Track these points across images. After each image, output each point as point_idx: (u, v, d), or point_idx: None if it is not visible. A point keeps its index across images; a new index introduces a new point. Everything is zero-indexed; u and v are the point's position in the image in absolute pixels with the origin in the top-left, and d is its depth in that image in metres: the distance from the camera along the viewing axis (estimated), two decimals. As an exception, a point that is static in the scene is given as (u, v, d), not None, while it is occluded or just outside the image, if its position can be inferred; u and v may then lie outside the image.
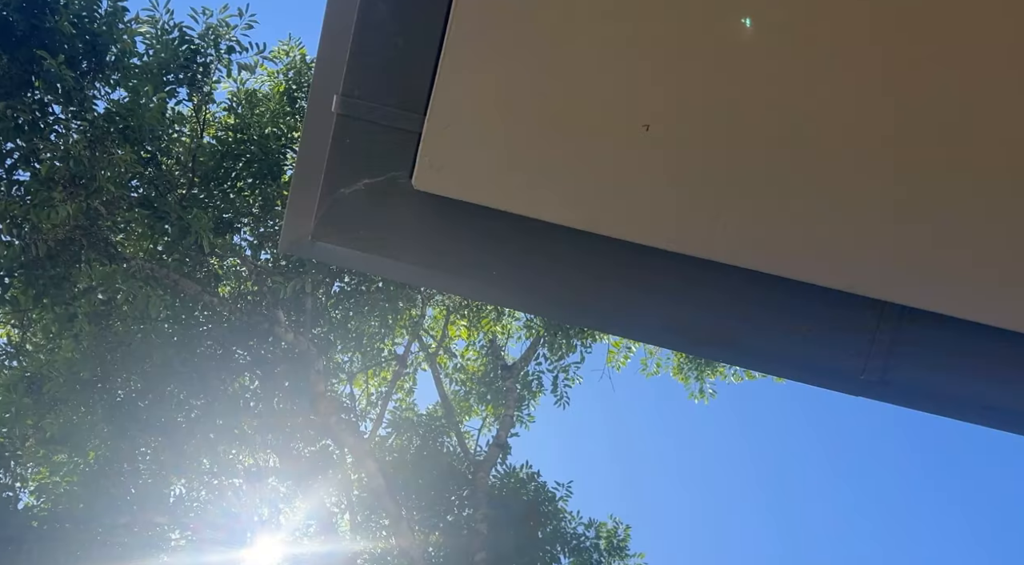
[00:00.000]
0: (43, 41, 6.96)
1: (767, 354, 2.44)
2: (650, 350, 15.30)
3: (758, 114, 2.03)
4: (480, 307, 12.62)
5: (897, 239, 2.06)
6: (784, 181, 2.08)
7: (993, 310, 1.97)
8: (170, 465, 10.29)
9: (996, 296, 1.97)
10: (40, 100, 7.43)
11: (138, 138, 7.66)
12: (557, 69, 2.04)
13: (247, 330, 10.12)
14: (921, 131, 1.91)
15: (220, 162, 9.86)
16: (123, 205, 8.32)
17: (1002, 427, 2.27)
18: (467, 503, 11.39)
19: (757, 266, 2.26)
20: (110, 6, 7.48)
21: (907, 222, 2.04)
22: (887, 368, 2.16)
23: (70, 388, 8.69)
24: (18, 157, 7.73)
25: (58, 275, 7.92)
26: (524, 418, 12.83)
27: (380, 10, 2.24)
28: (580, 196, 2.13)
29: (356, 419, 11.87)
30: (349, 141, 2.25)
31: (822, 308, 2.31)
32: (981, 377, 2.10)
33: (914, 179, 1.98)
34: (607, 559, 12.30)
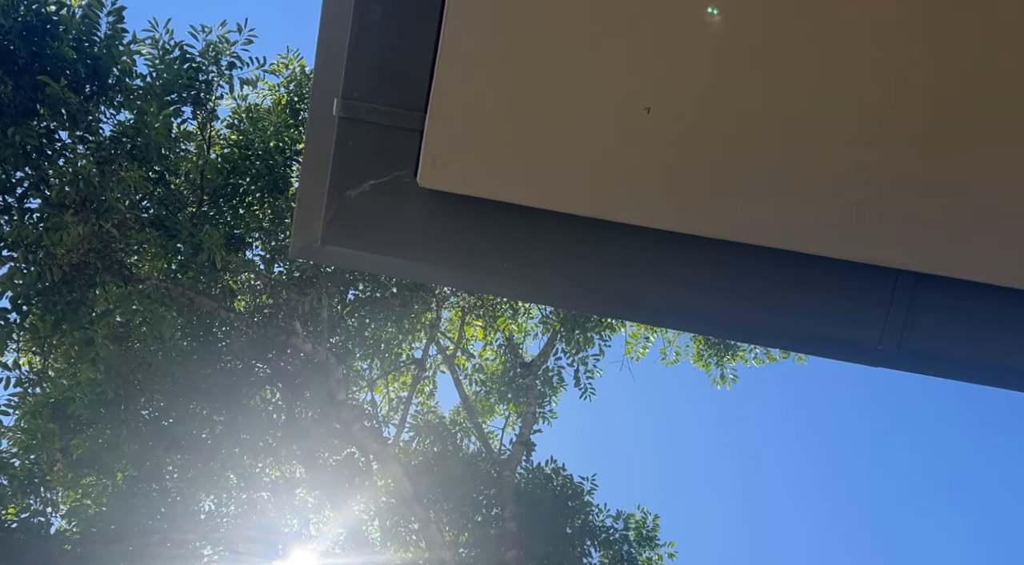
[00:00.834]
0: (45, 67, 7.02)
1: (785, 331, 2.43)
2: (668, 339, 15.26)
3: (760, 90, 2.03)
4: (495, 306, 12.63)
5: (907, 206, 2.05)
6: (790, 155, 2.08)
7: (1008, 272, 1.96)
8: (198, 481, 10.35)
9: (1010, 258, 1.96)
10: (46, 127, 7.49)
11: (146, 157, 7.71)
12: (554, 58, 2.04)
13: (265, 343, 10.16)
14: (920, 96, 1.90)
15: (227, 178, 9.92)
16: (135, 226, 8.38)
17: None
18: (494, 502, 11.40)
19: (768, 242, 2.25)
20: (109, 29, 7.53)
21: (916, 189, 2.03)
22: (904, 337, 2.15)
23: (94, 411, 8.75)
24: (28, 185, 7.79)
25: (75, 300, 7.98)
26: (547, 414, 12.83)
27: (375, 11, 2.25)
28: (586, 184, 2.13)
29: (379, 425, 11.91)
30: (352, 143, 2.26)
31: (836, 281, 2.30)
32: (1000, 340, 2.09)
33: (918, 146, 1.97)
34: (638, 550, 12.28)
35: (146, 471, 9.57)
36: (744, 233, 2.22)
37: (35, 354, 9.30)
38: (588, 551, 11.81)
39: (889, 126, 1.97)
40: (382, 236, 2.29)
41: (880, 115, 1.96)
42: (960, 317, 2.12)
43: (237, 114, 10.60)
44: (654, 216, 2.22)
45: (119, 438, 9.05)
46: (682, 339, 15.22)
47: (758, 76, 2.01)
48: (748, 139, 2.09)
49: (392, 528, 11.70)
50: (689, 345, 15.22)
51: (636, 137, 2.10)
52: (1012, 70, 1.83)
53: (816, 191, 2.13)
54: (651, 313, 2.60)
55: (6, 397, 8.54)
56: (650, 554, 12.40)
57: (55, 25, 7.17)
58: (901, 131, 1.98)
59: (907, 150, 2.00)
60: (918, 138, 1.97)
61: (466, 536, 11.32)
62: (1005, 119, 1.87)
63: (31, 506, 8.84)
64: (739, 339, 2.66)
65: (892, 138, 2.00)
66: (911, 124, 1.96)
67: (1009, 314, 2.05)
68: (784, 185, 2.13)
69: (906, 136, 1.98)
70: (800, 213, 2.17)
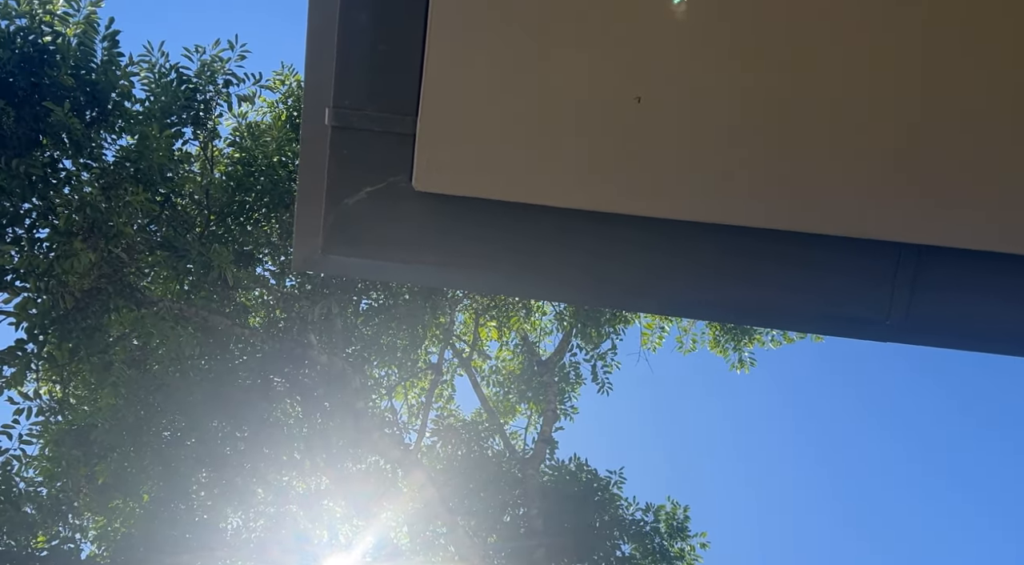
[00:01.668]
0: (45, 97, 7.06)
1: (791, 312, 2.42)
2: (684, 327, 15.23)
3: (755, 72, 2.02)
4: (508, 306, 12.63)
5: (905, 180, 2.04)
6: (786, 136, 2.07)
7: (1011, 238, 1.95)
8: (224, 498, 10.40)
9: (1012, 223, 1.94)
10: (50, 156, 7.54)
11: (150, 181, 7.75)
12: (541, 54, 2.04)
13: (281, 357, 10.20)
14: (910, 71, 1.89)
15: (233, 196, 9.97)
16: (144, 249, 8.42)
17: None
18: (520, 502, 11.40)
19: (770, 224, 2.24)
20: (105, 54, 7.57)
21: (912, 162, 2.01)
22: (911, 310, 2.14)
23: (116, 435, 8.81)
24: (37, 215, 7.85)
25: (90, 326, 8.03)
26: (568, 410, 12.82)
27: (360, 19, 2.25)
28: (582, 177, 2.12)
29: (399, 432, 11.93)
30: (346, 151, 2.26)
31: (841, 259, 2.29)
32: (1009, 307, 2.07)
33: (912, 120, 1.96)
34: (669, 542, 12.24)
35: (172, 491, 9.62)
36: (744, 217, 2.21)
37: (54, 382, 9.37)
38: (618, 545, 11.79)
39: (881, 103, 1.95)
40: (382, 242, 2.29)
41: (872, 91, 1.94)
42: (966, 286, 2.10)
43: (238, 132, 10.65)
44: (653, 205, 2.21)
45: (143, 460, 9.11)
46: (697, 327, 15.20)
47: (752, 58, 1.99)
48: (744, 123, 2.07)
49: (420, 533, 11.72)
50: (705, 332, 15.20)
51: (629, 127, 2.10)
52: (1003, 37, 1.82)
53: (813, 171, 2.12)
54: (657, 303, 2.59)
55: (28, 427, 8.61)
56: (682, 545, 12.36)
57: (52, 54, 7.22)
58: (893, 108, 1.96)
59: (901, 126, 1.99)
60: (909, 114, 1.95)
61: (494, 537, 11.33)
62: (996, 89, 1.86)
63: (60, 533, 8.91)
64: (746, 323, 2.65)
65: (884, 115, 1.98)
66: (901, 101, 1.95)
67: (1014, 280, 2.04)
68: (782, 167, 2.12)
69: (898, 113, 1.96)
70: (799, 193, 2.16)
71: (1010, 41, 1.82)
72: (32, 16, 7.17)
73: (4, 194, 7.06)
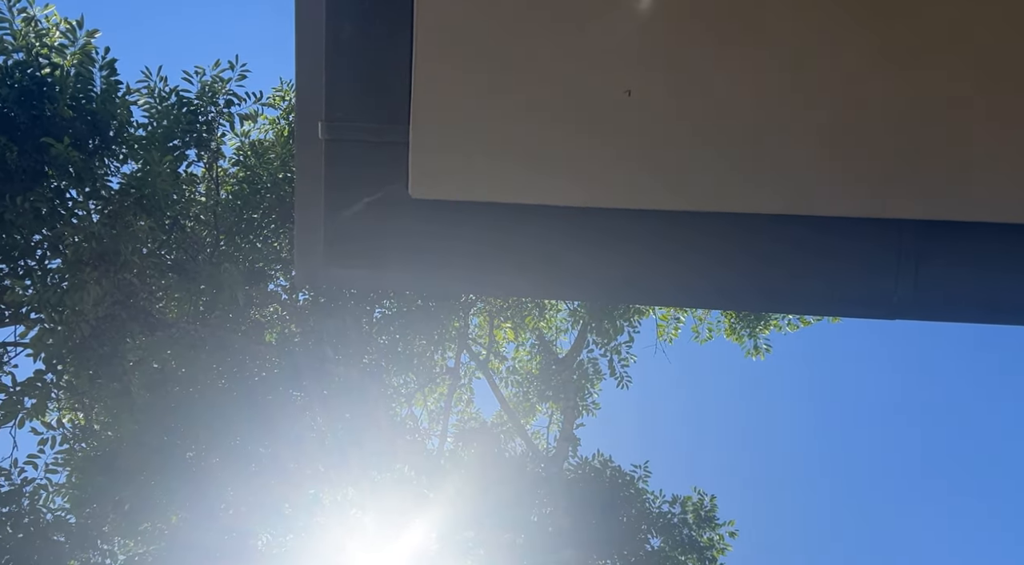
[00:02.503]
0: (46, 129, 7.12)
1: (797, 297, 2.41)
2: (699, 317, 15.19)
3: (742, 57, 2.01)
4: (522, 306, 12.63)
5: (903, 157, 2.03)
6: (781, 120, 2.05)
7: (1012, 207, 1.93)
8: (252, 515, 10.44)
9: (1011, 192, 1.93)
10: (56, 187, 7.60)
11: (155, 206, 7.79)
12: (528, 55, 2.04)
13: (299, 372, 10.24)
14: (902, 46, 1.87)
15: (240, 215, 10.01)
16: (155, 274, 8.47)
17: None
18: (546, 501, 11.40)
19: (769, 209, 2.23)
20: (104, 82, 7.62)
21: (910, 138, 2.00)
22: (918, 286, 2.12)
23: (140, 459, 8.86)
24: (47, 246, 7.91)
25: (107, 353, 8.08)
26: (589, 406, 12.80)
27: (347, 30, 2.25)
28: (576, 174, 2.12)
29: (421, 438, 11.95)
30: (341, 164, 2.27)
31: (843, 240, 2.27)
32: (1014, 276, 2.05)
33: (905, 96, 1.94)
34: (697, 532, 12.21)
35: (198, 512, 9.67)
36: (742, 203, 2.21)
37: (76, 410, 9.43)
38: (647, 538, 11.77)
39: (873, 82, 1.94)
40: (383, 252, 2.29)
41: (863, 71, 1.93)
42: (971, 259, 2.09)
43: (242, 150, 10.69)
44: (651, 198, 2.20)
45: (168, 483, 9.15)
46: (713, 316, 15.16)
47: (743, 43, 1.98)
48: (738, 109, 2.06)
49: (449, 538, 11.73)
50: (720, 320, 15.16)
51: (621, 120, 2.09)
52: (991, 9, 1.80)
53: (811, 153, 2.11)
54: (663, 294, 2.59)
55: (52, 456, 8.67)
56: (711, 535, 12.32)
57: (51, 86, 7.28)
58: (886, 86, 1.95)
59: (894, 104, 1.98)
60: (902, 90, 1.94)
61: (522, 538, 11.32)
62: (989, 62, 1.84)
63: (91, 560, 8.96)
64: (753, 309, 2.64)
65: (877, 94, 1.97)
66: (892, 78, 1.93)
67: (1019, 249, 2.02)
68: (779, 151, 2.11)
69: (891, 91, 1.95)
70: (796, 177, 2.15)
71: (998, 13, 1.80)
72: (29, 50, 7.23)
73: (13, 228, 7.12)
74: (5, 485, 8.40)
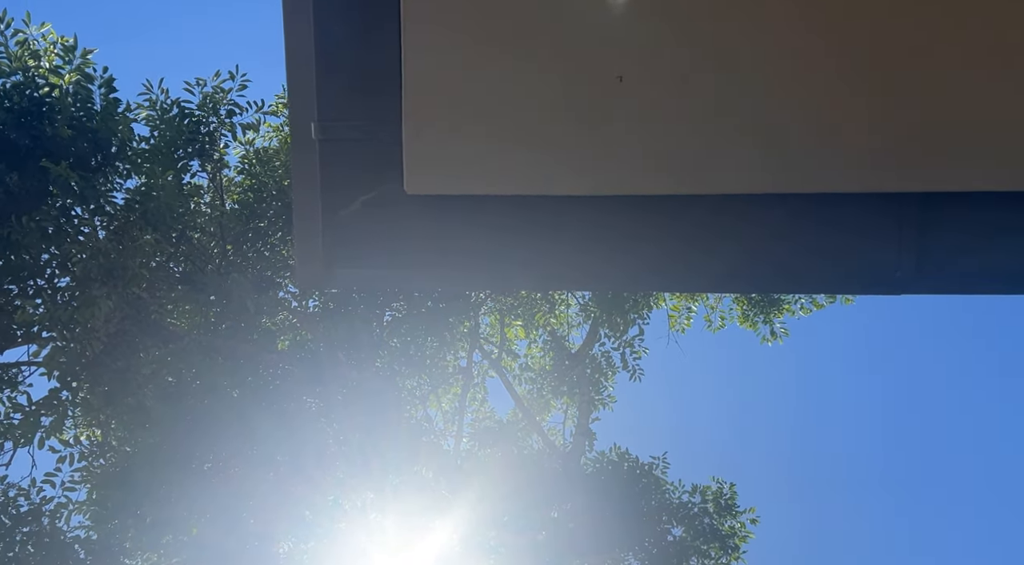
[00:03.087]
0: (48, 150, 7.15)
1: (802, 275, 2.39)
2: (711, 305, 15.14)
3: (731, 36, 1.99)
4: (531, 303, 12.62)
5: (899, 129, 2.01)
6: (774, 99, 2.04)
7: (1009, 175, 1.91)
8: (273, 522, 10.46)
9: (1007, 160, 1.91)
10: (61, 206, 7.63)
11: (160, 220, 7.82)
12: (518, 42, 2.02)
13: (312, 378, 10.26)
14: (892, 19, 1.86)
15: (247, 224, 10.02)
16: (163, 286, 8.50)
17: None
18: (565, 497, 11.39)
19: (769, 189, 2.22)
20: (103, 100, 7.65)
21: (905, 111, 1.98)
22: (920, 260, 2.10)
23: (159, 472, 8.89)
24: (56, 265, 7.94)
25: (120, 368, 8.11)
26: (604, 400, 12.78)
27: (335, 31, 2.25)
28: (571, 163, 2.10)
29: (437, 439, 11.96)
30: (336, 164, 2.26)
31: (844, 216, 2.25)
32: (1015, 245, 2.03)
33: (897, 70, 1.92)
34: (719, 521, 12.19)
35: (221, 521, 9.69)
36: (741, 184, 2.19)
37: (93, 427, 9.47)
38: (668, 530, 11.76)
39: (863, 57, 1.92)
40: (382, 250, 2.29)
41: (860, 43, 1.91)
42: (972, 230, 2.07)
43: (246, 159, 10.70)
44: (648, 183, 2.19)
45: (188, 495, 9.19)
46: (725, 303, 15.11)
47: (730, 22, 1.97)
48: (730, 89, 2.05)
49: (470, 538, 11.74)
50: (733, 308, 15.11)
51: (613, 106, 2.08)
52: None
53: (809, 130, 2.09)
54: (669, 280, 2.57)
55: (70, 473, 8.70)
56: (732, 523, 12.30)
57: (50, 107, 7.31)
58: (875, 59, 1.93)
59: (888, 78, 1.96)
60: (894, 63, 1.92)
61: (543, 534, 11.32)
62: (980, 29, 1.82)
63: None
64: (759, 291, 2.62)
65: (867, 68, 1.95)
66: (881, 52, 1.91)
67: (1017, 217, 2.00)
68: (775, 130, 2.09)
69: (882, 64, 1.93)
70: (795, 155, 2.13)
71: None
72: (26, 71, 7.25)
73: (21, 248, 7.16)
74: (25, 504, 8.44)
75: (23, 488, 8.52)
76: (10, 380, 8.42)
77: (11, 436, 7.85)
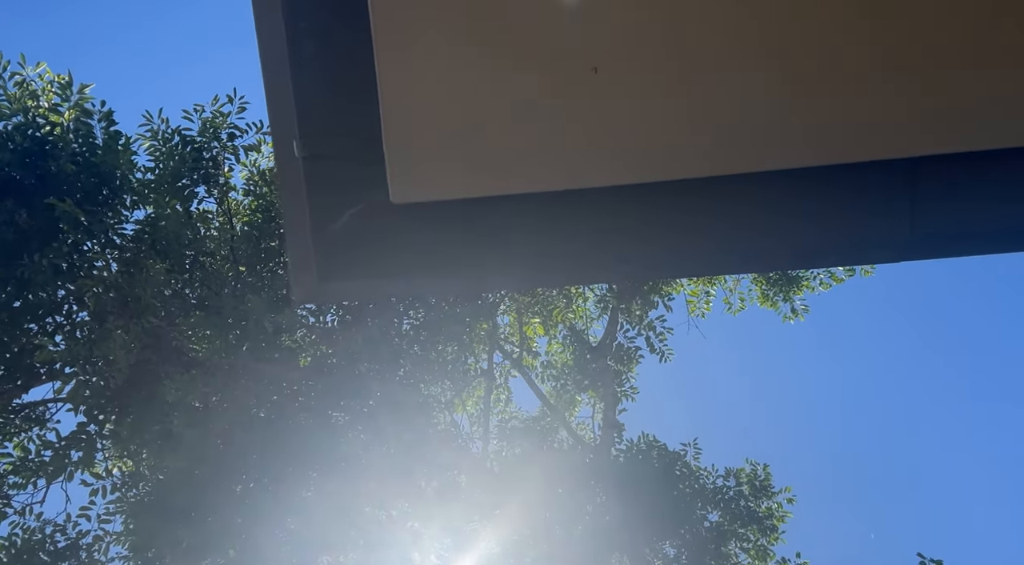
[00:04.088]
0: (54, 187, 7.22)
1: (797, 251, 2.37)
2: (729, 288, 15.08)
3: (711, 18, 1.97)
4: (548, 300, 12.61)
5: (888, 95, 1.98)
6: (752, 76, 2.02)
7: (994, 132, 1.88)
8: (310, 539, 10.51)
9: (996, 118, 1.88)
10: (72, 241, 7.70)
11: (170, 248, 7.87)
12: (490, 43, 2.02)
13: (336, 392, 10.29)
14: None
15: (258, 245, 10.07)
16: (180, 314, 8.56)
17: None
18: (598, 490, 11.37)
19: (758, 167, 2.20)
20: (104, 133, 7.71)
21: (891, 76, 1.96)
22: (915, 223, 2.08)
23: (192, 497, 8.95)
24: (72, 300, 8.01)
25: (144, 397, 8.17)
26: (628, 392, 12.74)
27: (307, 47, 2.25)
28: (552, 158, 2.09)
29: (464, 443, 11.96)
30: (321, 180, 2.26)
31: (836, 188, 2.23)
32: (1010, 201, 2.00)
33: (879, 37, 1.90)
34: (755, 503, 12.13)
35: (256, 543, 9.75)
36: (726, 164, 2.17)
37: (123, 458, 9.54)
38: (705, 515, 11.71)
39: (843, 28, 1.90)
40: (374, 260, 2.29)
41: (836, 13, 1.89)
42: (964, 190, 2.04)
43: (252, 180, 10.75)
44: (630, 172, 2.18)
45: (223, 517, 9.24)
46: (743, 285, 15.05)
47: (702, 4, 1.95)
48: (707, 72, 2.03)
49: (507, 539, 11.74)
50: (752, 289, 15.04)
51: (591, 99, 2.07)
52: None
53: (791, 104, 2.07)
54: (659, 268, 2.56)
55: (104, 506, 8.78)
56: (768, 504, 12.24)
57: (52, 145, 7.38)
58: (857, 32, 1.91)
59: (875, 47, 1.94)
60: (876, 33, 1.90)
61: (580, 529, 11.30)
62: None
63: (155, 603, 9.06)
64: (757, 270, 2.60)
65: (851, 38, 1.93)
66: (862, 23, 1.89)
67: (1008, 174, 1.97)
68: (757, 107, 2.08)
69: (864, 33, 1.91)
70: (780, 130, 2.11)
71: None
72: (26, 112, 7.33)
73: (35, 286, 7.22)
74: (62, 540, 8.52)
75: (59, 524, 8.60)
76: (38, 418, 8.51)
77: (43, 473, 7.93)
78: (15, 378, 7.84)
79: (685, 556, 11.21)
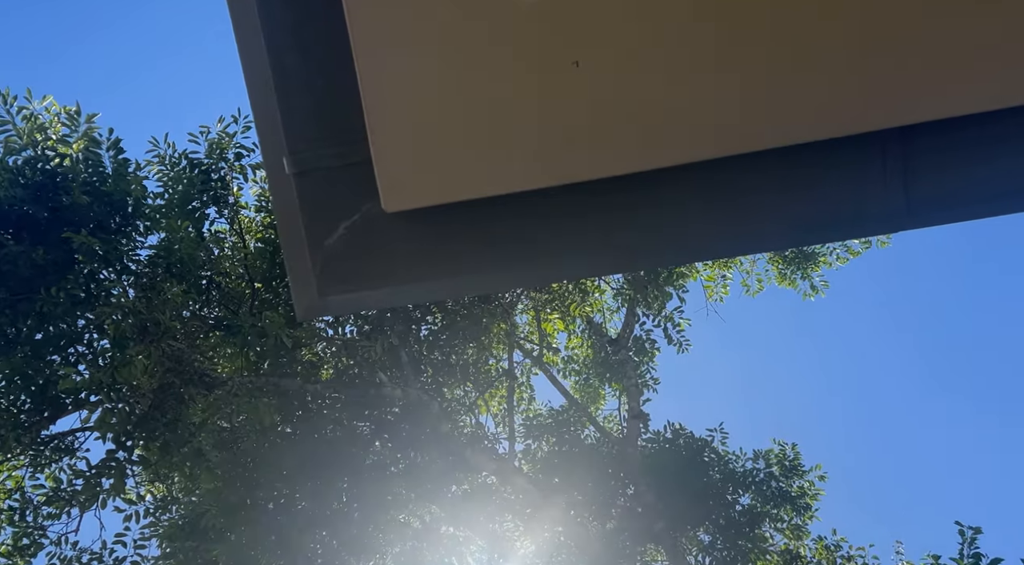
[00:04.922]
0: (67, 219, 7.30)
1: (790, 231, 2.36)
2: (746, 270, 15.04)
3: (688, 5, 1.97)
4: (564, 295, 12.60)
5: (865, 65, 1.97)
6: (735, 55, 2.01)
7: (983, 94, 1.87)
8: (343, 550, 10.57)
9: (979, 78, 1.86)
10: (89, 271, 7.78)
11: (185, 271, 7.93)
12: (471, 45, 2.03)
13: (359, 402, 10.34)
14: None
15: (272, 261, 10.13)
16: (200, 335, 8.62)
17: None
18: (627, 482, 11.35)
19: (744, 148, 2.19)
20: (113, 162, 7.78)
21: (872, 45, 1.95)
22: (909, 193, 2.07)
23: (225, 516, 9.02)
24: (93, 328, 8.09)
25: (171, 420, 8.24)
26: (649, 382, 12.71)
27: (289, 60, 2.27)
28: (540, 155, 2.09)
29: (491, 444, 11.98)
30: (313, 193, 2.28)
31: (824, 163, 2.22)
32: (1002, 163, 1.99)
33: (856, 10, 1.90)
34: (786, 483, 12.07)
35: (291, 556, 9.81)
36: (720, 147, 2.17)
37: (154, 482, 9.63)
38: (736, 499, 11.67)
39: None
40: (373, 272, 2.30)
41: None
42: (955, 155, 2.03)
43: (264, 196, 10.82)
44: (621, 162, 2.18)
45: (256, 535, 9.31)
46: (759, 266, 14.99)
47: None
48: (693, 54, 2.03)
49: (539, 537, 11.75)
50: (768, 269, 14.98)
51: (574, 92, 2.07)
52: None
53: (774, 81, 2.06)
54: (672, 254, 2.55)
55: (138, 531, 8.87)
56: (800, 483, 12.18)
57: (63, 177, 7.45)
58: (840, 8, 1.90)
59: (852, 21, 1.93)
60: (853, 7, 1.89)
61: (612, 523, 11.29)
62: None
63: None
64: (761, 250, 2.59)
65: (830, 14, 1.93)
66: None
67: (1008, 135, 1.95)
68: (740, 87, 2.07)
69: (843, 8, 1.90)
70: (763, 109, 2.10)
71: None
72: (35, 145, 7.40)
73: (55, 317, 7.30)
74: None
75: (95, 552, 8.69)
76: (67, 448, 8.60)
77: (76, 502, 8.01)
78: (42, 410, 7.93)
79: (720, 541, 11.18)
